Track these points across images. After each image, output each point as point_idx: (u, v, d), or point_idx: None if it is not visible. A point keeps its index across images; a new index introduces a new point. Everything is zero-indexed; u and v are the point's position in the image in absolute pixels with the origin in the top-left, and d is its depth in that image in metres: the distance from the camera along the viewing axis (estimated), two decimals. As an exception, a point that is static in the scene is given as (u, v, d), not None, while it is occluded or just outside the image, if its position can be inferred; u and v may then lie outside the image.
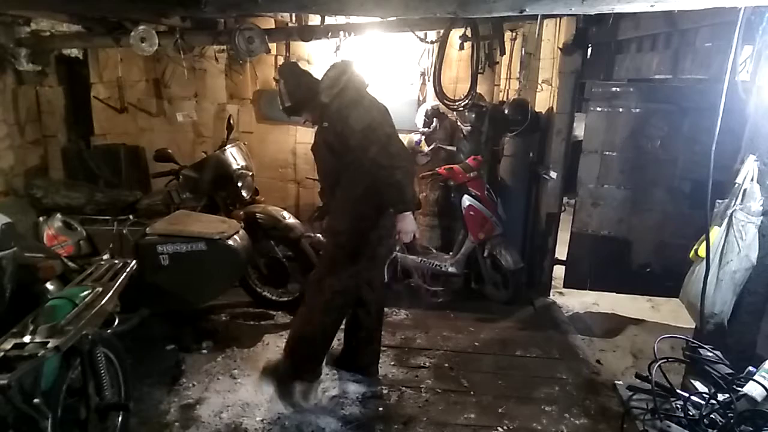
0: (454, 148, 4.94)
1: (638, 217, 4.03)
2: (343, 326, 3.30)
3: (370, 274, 3.13)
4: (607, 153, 4.00)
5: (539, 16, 3.75)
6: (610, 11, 2.58)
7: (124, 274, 2.48)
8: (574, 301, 4.68)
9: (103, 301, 2.22)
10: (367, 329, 3.28)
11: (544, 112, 4.60)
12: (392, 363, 3.53)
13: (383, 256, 3.25)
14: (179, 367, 3.35)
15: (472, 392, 3.25)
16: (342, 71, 2.93)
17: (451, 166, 4.54)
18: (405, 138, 5.05)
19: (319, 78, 3.01)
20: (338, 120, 2.86)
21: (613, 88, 3.90)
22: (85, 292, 2.24)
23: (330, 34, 4.37)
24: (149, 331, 3.45)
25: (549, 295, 4.74)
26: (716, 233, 2.55)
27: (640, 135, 3.90)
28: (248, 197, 4.14)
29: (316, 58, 5.21)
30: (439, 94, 4.36)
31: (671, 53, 3.32)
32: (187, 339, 3.64)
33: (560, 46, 4.31)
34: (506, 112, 4.56)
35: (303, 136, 5.37)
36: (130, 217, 3.93)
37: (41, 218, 3.69)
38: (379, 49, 4.92)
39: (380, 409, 3.07)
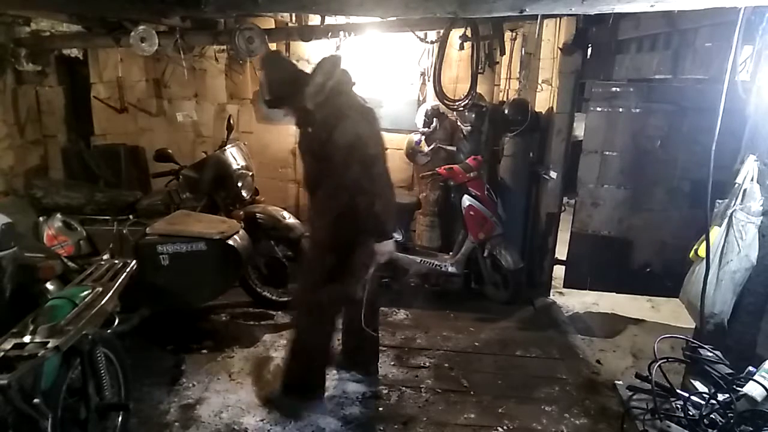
0: (454, 148, 4.94)
1: (638, 217, 4.03)
2: (340, 327, 3.28)
3: (351, 282, 2.97)
4: (607, 153, 4.00)
5: (539, 16, 3.76)
6: (610, 11, 2.58)
7: (124, 274, 2.48)
8: (574, 301, 4.67)
9: (103, 301, 2.22)
10: (361, 328, 3.21)
11: (544, 112, 4.59)
12: (392, 363, 3.53)
13: (366, 263, 3.03)
14: (179, 367, 3.35)
15: (472, 392, 3.24)
16: (327, 75, 2.78)
17: (451, 166, 4.54)
18: (405, 138, 5.08)
19: (306, 71, 2.86)
20: (323, 130, 2.75)
21: (613, 88, 3.89)
22: (85, 292, 2.24)
23: (330, 34, 4.37)
24: (149, 331, 3.45)
25: (549, 295, 4.73)
26: (716, 233, 2.55)
27: (640, 135, 3.89)
28: (248, 197, 4.15)
29: (316, 58, 5.20)
30: (439, 94, 4.36)
31: (671, 53, 3.32)
32: (187, 339, 3.64)
33: (560, 46, 4.30)
34: (506, 112, 4.56)
35: (303, 136, 5.36)
36: (130, 217, 3.93)
37: (41, 218, 3.69)
38: (379, 49, 4.92)
39: (380, 409, 3.07)
